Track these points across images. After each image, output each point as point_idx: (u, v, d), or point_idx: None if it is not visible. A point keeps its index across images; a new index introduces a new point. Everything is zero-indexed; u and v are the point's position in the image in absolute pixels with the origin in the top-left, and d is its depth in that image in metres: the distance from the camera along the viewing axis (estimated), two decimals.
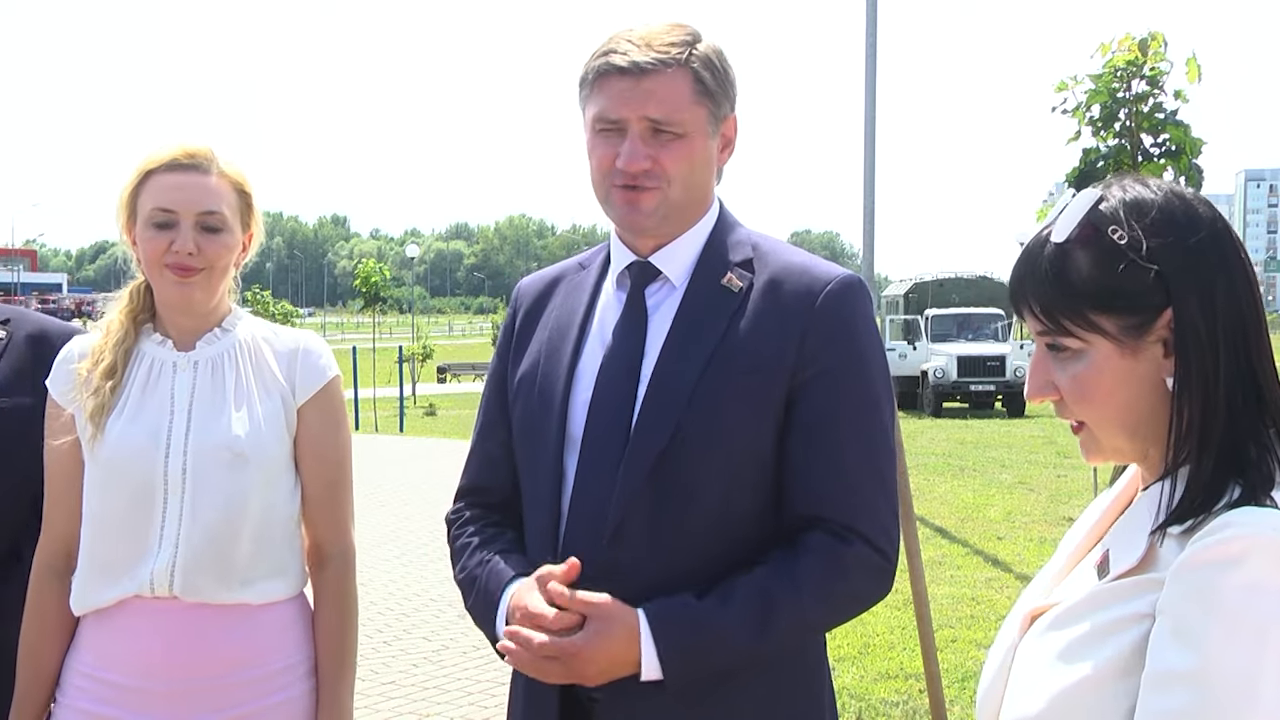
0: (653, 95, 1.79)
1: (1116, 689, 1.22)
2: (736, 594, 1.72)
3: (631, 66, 1.79)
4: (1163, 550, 1.25)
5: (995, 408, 23.26)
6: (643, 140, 1.81)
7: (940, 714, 4.58)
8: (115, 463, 2.16)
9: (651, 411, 1.79)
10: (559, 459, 1.85)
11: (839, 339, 1.81)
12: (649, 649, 1.70)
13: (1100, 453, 1.37)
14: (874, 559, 1.77)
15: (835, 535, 1.76)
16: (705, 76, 1.83)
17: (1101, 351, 1.29)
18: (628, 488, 1.77)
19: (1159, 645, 1.19)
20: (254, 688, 2.17)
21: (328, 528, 2.30)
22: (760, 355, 1.79)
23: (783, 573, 1.73)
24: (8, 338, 2.51)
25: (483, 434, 2.05)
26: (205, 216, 2.18)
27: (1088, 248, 1.29)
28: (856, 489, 1.78)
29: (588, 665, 1.70)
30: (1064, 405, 1.35)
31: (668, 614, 1.72)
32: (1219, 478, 1.24)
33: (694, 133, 1.82)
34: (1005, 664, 1.38)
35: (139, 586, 2.14)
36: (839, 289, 1.83)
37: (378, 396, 24.32)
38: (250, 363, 2.26)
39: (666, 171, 1.82)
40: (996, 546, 9.19)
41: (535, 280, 2.08)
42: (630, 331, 1.87)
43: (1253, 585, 1.15)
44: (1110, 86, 6.79)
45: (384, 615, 7.32)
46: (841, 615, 1.83)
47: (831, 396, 1.79)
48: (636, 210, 1.84)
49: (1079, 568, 1.40)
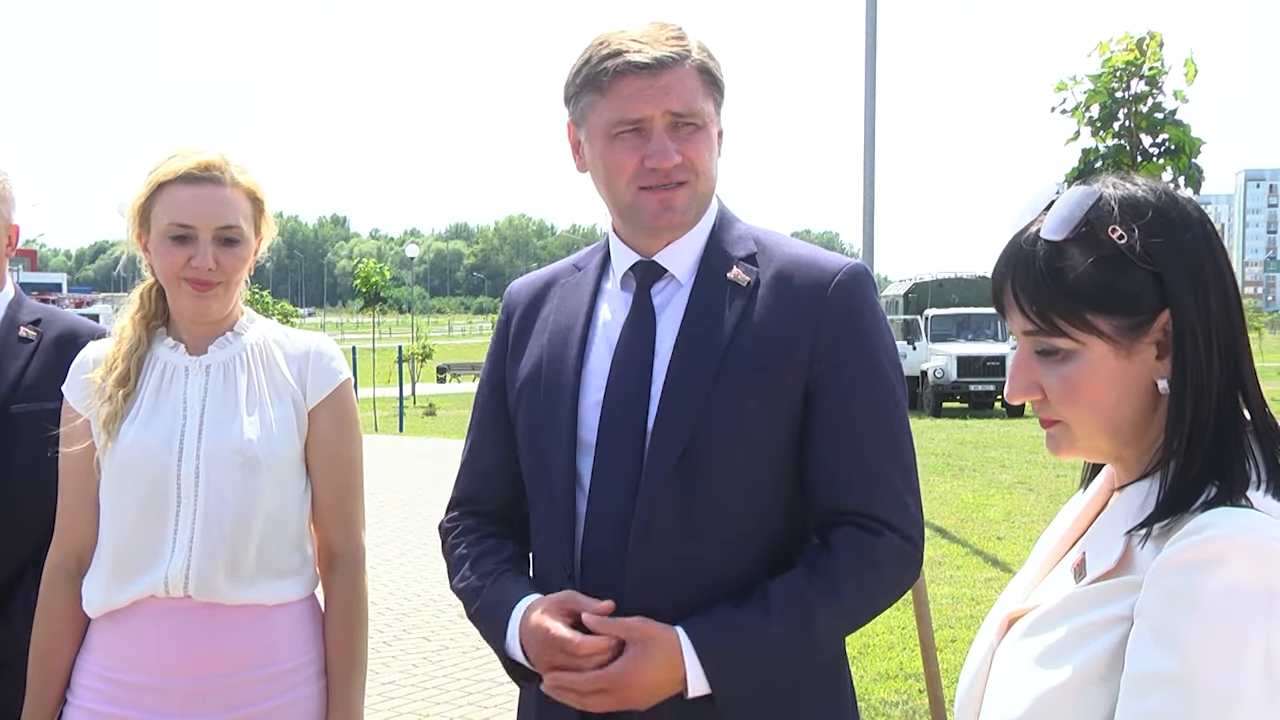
0: (671, 89, 1.78)
1: (1096, 692, 1.21)
2: (774, 600, 1.71)
3: (653, 62, 1.77)
4: (1140, 552, 1.24)
5: (995, 408, 23.26)
6: (670, 136, 1.80)
7: (940, 714, 4.58)
8: (129, 467, 2.18)
9: (669, 411, 1.78)
10: (572, 463, 1.84)
11: (852, 331, 1.80)
12: (694, 666, 1.69)
13: (1073, 450, 1.34)
14: (904, 547, 1.78)
15: (864, 529, 1.76)
16: (710, 67, 1.84)
17: (1096, 353, 1.27)
18: (651, 487, 1.76)
19: (1138, 648, 1.17)
20: (265, 686, 2.19)
21: (338, 529, 2.32)
22: (774, 351, 1.78)
23: (818, 573, 1.73)
24: (38, 338, 2.53)
25: (477, 442, 2.03)
26: (224, 230, 2.18)
27: (1084, 247, 1.26)
28: (880, 480, 1.78)
29: (633, 690, 1.69)
30: (1045, 404, 1.32)
31: (708, 628, 1.71)
32: (1201, 478, 1.23)
33: (708, 124, 1.83)
34: (984, 667, 1.37)
35: (154, 587, 2.15)
36: (848, 280, 1.83)
37: (377, 396, 24.31)
38: (262, 366, 2.27)
39: (694, 164, 1.82)
40: (996, 546, 9.19)
41: (527, 284, 2.05)
42: (639, 332, 1.86)
43: (1232, 586, 1.13)
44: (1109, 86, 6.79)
45: (384, 615, 7.32)
46: (878, 606, 1.83)
47: (849, 389, 1.79)
48: (670, 209, 1.82)
49: (1056, 570, 1.39)
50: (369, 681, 2.45)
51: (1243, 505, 1.20)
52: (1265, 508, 1.21)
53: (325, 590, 2.33)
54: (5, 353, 2.53)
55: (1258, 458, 1.25)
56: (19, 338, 2.55)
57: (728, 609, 1.72)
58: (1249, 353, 1.30)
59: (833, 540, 1.76)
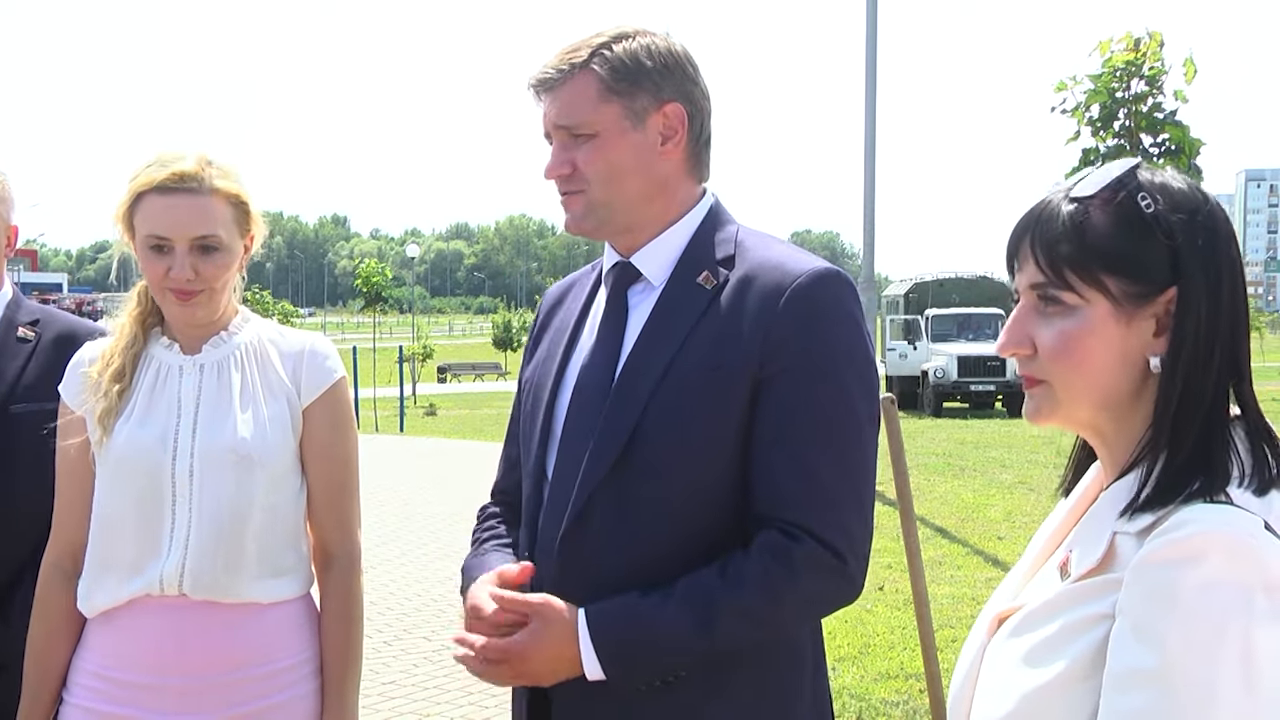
0: (558, 103, 1.85)
1: (1082, 689, 1.22)
2: (678, 593, 1.72)
3: (537, 84, 1.87)
4: (1122, 549, 1.25)
5: (995, 408, 23.26)
6: (563, 147, 1.86)
7: (940, 714, 4.58)
8: (124, 465, 2.18)
9: (616, 409, 1.81)
10: (543, 455, 1.90)
11: (804, 334, 1.77)
12: (588, 648, 1.72)
13: (1053, 415, 1.35)
14: (825, 558, 1.72)
15: (784, 533, 1.73)
16: (606, 74, 1.83)
17: (1098, 312, 1.29)
18: (591, 477, 1.79)
19: (1119, 645, 1.19)
20: (261, 685, 2.19)
21: (334, 528, 2.32)
22: (724, 352, 1.78)
23: (728, 571, 1.72)
24: (36, 339, 2.53)
25: (509, 437, 2.11)
26: (200, 240, 2.17)
27: (1112, 210, 1.29)
28: (815, 487, 1.74)
29: (530, 665, 1.73)
30: (1031, 361, 1.33)
31: (606, 612, 1.73)
32: (1189, 468, 1.24)
33: (607, 130, 1.83)
34: (974, 665, 1.38)
35: (149, 586, 2.16)
36: (808, 283, 1.79)
37: (378, 396, 24.32)
38: (256, 365, 2.27)
39: (582, 173, 1.85)
40: (996, 546, 9.18)
41: (557, 287, 2.14)
42: (610, 331, 1.89)
43: (1210, 583, 1.14)
44: (1109, 86, 6.80)
45: (384, 615, 7.32)
46: (795, 615, 1.80)
47: (794, 393, 1.76)
48: (570, 215, 1.89)
49: (1043, 570, 1.40)
50: (369, 681, 2.45)
51: (1221, 501, 1.21)
52: (1245, 503, 1.21)
53: (321, 589, 2.33)
54: (4, 353, 2.53)
55: (1242, 453, 1.27)
56: (17, 338, 2.55)
57: (633, 597, 1.73)
58: (1248, 348, 1.31)
59: (754, 542, 1.75)
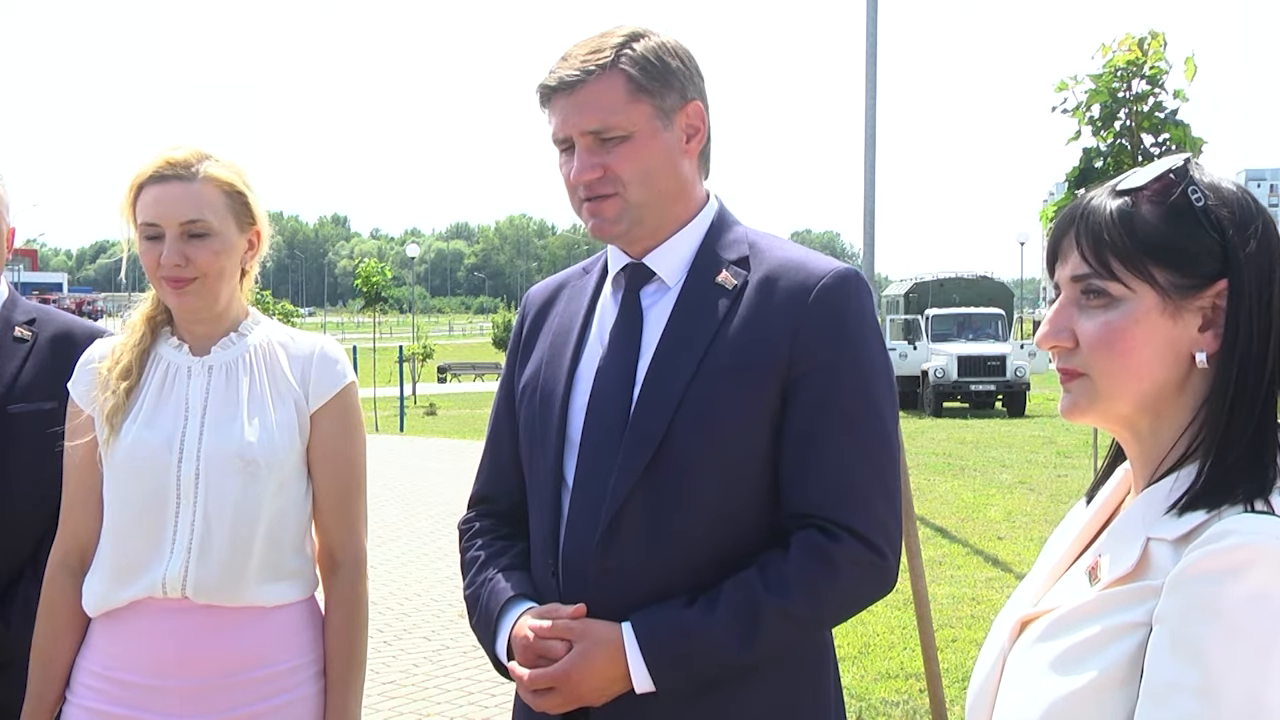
0: (586, 106, 1.81)
1: (1114, 698, 1.19)
2: (723, 601, 1.71)
3: (560, 84, 1.82)
4: (1156, 556, 1.22)
5: (995, 408, 23.25)
6: (590, 151, 1.82)
7: (940, 714, 4.58)
8: (130, 466, 2.18)
9: (645, 412, 1.79)
10: (559, 462, 1.86)
11: (833, 334, 1.79)
12: (637, 662, 1.71)
13: (1091, 410, 1.31)
14: (866, 556, 1.74)
15: (824, 532, 1.74)
16: (636, 73, 1.82)
17: (1144, 303, 1.26)
18: (621, 487, 1.77)
19: (1158, 656, 1.15)
20: (263, 687, 2.19)
21: (340, 532, 2.31)
22: (753, 352, 1.78)
23: (770, 576, 1.72)
24: (33, 339, 2.53)
25: (492, 442, 2.07)
26: (188, 225, 2.17)
27: (1162, 201, 1.28)
28: (849, 486, 1.75)
29: (579, 688, 1.73)
30: (1072, 354, 1.30)
31: (653, 624, 1.72)
32: (1236, 471, 1.21)
33: (640, 131, 1.82)
34: (995, 670, 1.36)
35: (151, 589, 2.16)
36: (833, 283, 1.81)
37: (378, 396, 24.31)
38: (265, 368, 2.27)
39: (619, 175, 1.82)
40: (996, 546, 9.19)
41: (542, 288, 2.10)
42: (626, 334, 1.87)
43: (1256, 596, 1.11)
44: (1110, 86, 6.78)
45: (384, 615, 7.32)
46: (836, 613, 1.81)
47: (825, 393, 1.77)
48: (601, 219, 1.85)
49: (1069, 574, 1.37)
50: (369, 681, 2.45)
51: (1263, 511, 1.18)
52: None
53: (326, 593, 2.33)
54: (0, 353, 2.53)
55: None
56: (14, 338, 2.54)
57: (676, 607, 1.73)
58: None
59: (792, 543, 1.75)
